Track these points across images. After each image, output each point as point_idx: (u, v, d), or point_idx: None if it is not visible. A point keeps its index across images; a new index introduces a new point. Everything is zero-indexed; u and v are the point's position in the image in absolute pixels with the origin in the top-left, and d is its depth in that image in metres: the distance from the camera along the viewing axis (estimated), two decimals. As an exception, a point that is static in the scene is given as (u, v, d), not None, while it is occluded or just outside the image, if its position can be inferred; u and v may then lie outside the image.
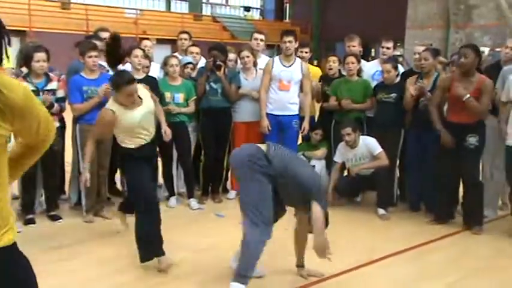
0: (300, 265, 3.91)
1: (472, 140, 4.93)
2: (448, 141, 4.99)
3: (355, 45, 6.36)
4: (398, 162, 5.79)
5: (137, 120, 4.00)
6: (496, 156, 5.29)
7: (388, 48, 6.26)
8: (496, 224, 5.29)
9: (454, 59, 5.74)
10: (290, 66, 5.81)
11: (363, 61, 6.27)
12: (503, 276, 4.08)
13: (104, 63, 5.54)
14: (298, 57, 6.06)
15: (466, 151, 4.95)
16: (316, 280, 3.84)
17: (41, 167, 4.99)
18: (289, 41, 5.71)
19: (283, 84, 5.79)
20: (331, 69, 6.26)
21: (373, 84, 6.00)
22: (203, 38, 17.75)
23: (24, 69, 5.15)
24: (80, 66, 5.27)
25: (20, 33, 17.79)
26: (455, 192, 5.40)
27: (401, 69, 6.09)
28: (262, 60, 6.16)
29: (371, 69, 6.30)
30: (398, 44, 13.02)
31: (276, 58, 5.89)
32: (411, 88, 5.38)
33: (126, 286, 3.73)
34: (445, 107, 5.22)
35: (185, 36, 6.54)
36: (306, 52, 6.37)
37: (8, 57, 1.59)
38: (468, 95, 4.80)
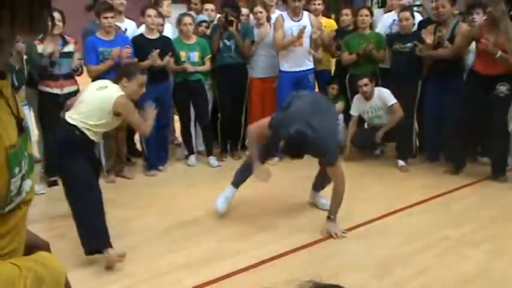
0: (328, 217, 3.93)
1: (502, 88, 4.85)
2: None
3: None
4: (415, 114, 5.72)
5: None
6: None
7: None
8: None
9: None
10: (299, 20, 5.70)
11: (380, 11, 6.09)
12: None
13: (120, 24, 5.52)
14: (307, 10, 5.91)
15: (496, 99, 4.87)
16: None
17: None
18: (299, 0, 5.59)
19: None
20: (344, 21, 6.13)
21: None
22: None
23: None
24: (95, 28, 5.27)
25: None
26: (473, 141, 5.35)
27: (417, 18, 5.94)
28: (276, 15, 6.05)
29: (387, 19, 6.16)
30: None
31: (284, 14, 5.78)
32: (428, 39, 5.25)
33: (140, 246, 3.82)
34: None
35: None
36: (319, 4, 6.21)
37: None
38: (500, 52, 4.68)
